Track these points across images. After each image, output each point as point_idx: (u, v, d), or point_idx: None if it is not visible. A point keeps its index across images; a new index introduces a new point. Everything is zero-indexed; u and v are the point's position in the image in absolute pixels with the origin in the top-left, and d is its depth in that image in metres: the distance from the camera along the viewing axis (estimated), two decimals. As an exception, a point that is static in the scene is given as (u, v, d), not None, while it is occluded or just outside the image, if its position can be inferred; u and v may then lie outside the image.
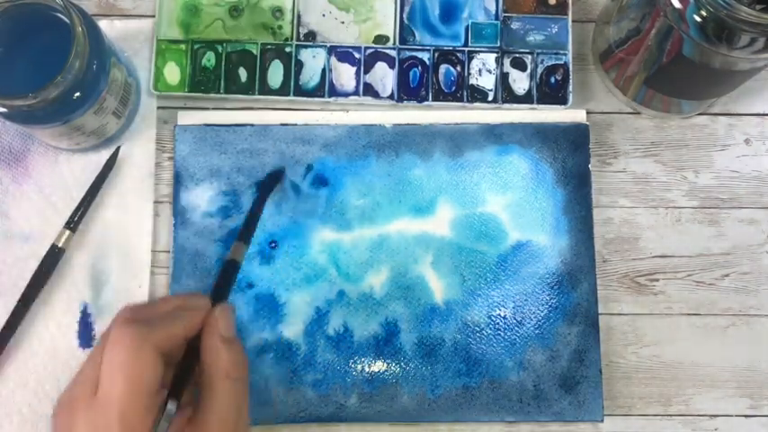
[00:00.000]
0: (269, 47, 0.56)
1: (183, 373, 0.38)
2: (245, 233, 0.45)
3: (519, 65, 0.56)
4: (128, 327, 0.36)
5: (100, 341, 0.38)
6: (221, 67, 0.55)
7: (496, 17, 0.57)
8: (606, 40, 0.55)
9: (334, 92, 0.56)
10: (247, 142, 0.54)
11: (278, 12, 0.56)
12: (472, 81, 0.56)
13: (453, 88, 0.56)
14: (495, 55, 0.56)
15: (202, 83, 0.55)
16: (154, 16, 0.56)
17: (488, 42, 0.56)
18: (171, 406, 0.36)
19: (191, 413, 0.37)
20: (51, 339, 0.52)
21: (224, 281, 0.43)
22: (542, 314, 0.53)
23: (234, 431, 0.37)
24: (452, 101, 0.56)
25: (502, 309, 0.53)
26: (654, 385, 0.54)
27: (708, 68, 0.48)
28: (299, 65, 0.56)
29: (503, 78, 0.56)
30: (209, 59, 0.56)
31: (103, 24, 0.55)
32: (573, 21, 0.57)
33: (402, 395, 0.52)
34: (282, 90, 0.55)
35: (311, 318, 0.53)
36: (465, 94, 0.56)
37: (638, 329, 0.54)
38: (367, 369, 0.52)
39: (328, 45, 0.56)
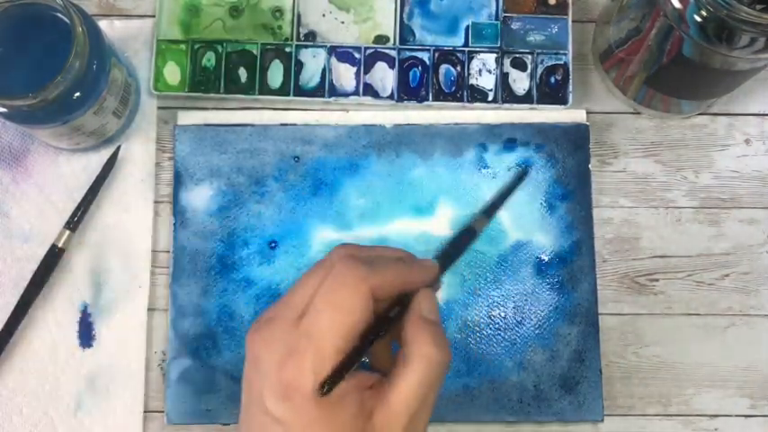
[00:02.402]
0: (269, 47, 0.56)
1: (384, 323, 0.37)
2: (491, 209, 0.42)
3: (519, 65, 0.56)
4: (354, 263, 0.35)
5: (314, 268, 0.37)
6: (221, 67, 0.55)
7: (496, 17, 0.57)
8: (606, 40, 0.55)
9: (334, 92, 0.56)
10: (247, 142, 0.54)
11: (278, 12, 0.56)
12: (472, 81, 0.56)
13: (453, 88, 0.56)
14: (495, 55, 0.56)
15: (202, 83, 0.55)
16: (154, 16, 0.56)
17: (488, 42, 0.56)
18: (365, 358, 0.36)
19: (377, 380, 0.36)
20: (51, 339, 0.52)
21: (456, 247, 0.41)
22: (542, 314, 0.53)
23: (414, 416, 0.35)
24: (452, 101, 0.56)
25: (502, 309, 0.53)
26: (654, 385, 0.54)
27: (708, 68, 0.48)
28: (299, 65, 0.56)
29: (503, 78, 0.56)
30: (209, 59, 0.56)
31: (103, 24, 0.55)
32: (573, 21, 0.57)
33: (402, 395, 0.52)
34: (282, 90, 0.55)
35: (311, 318, 0.52)
36: (465, 94, 0.56)
37: (638, 329, 0.54)
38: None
39: (328, 45, 0.56)
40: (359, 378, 0.35)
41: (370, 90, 0.56)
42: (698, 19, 0.45)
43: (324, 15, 0.57)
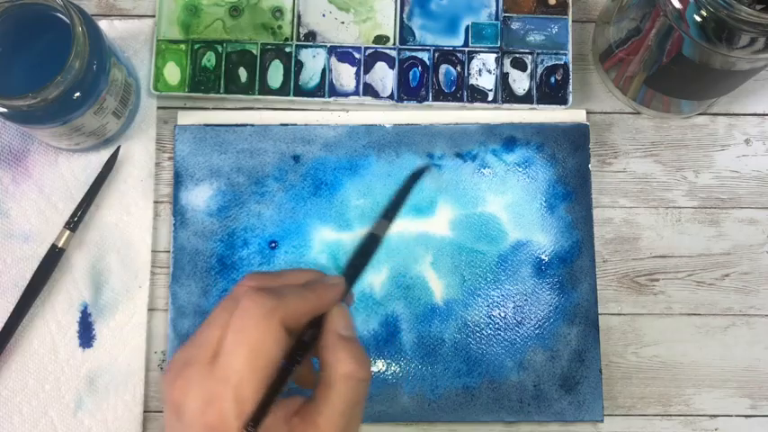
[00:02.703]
0: (269, 47, 0.56)
1: (300, 349, 0.36)
2: (390, 211, 0.41)
3: (519, 65, 0.56)
4: (259, 297, 0.35)
5: (222, 303, 0.36)
6: (221, 67, 0.55)
7: (496, 17, 0.57)
8: (606, 40, 0.55)
9: (334, 92, 0.56)
10: (247, 142, 0.54)
11: (278, 12, 0.56)
12: (472, 81, 0.56)
13: (453, 88, 0.56)
14: (495, 55, 0.56)
15: (202, 83, 0.55)
16: (154, 16, 0.56)
17: (488, 42, 0.56)
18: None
19: (301, 403, 0.36)
20: (51, 339, 0.52)
21: (362, 257, 0.39)
22: (542, 314, 0.53)
23: None
24: (452, 101, 0.56)
25: (502, 309, 0.53)
26: (654, 385, 0.54)
27: (708, 68, 0.48)
28: (299, 65, 0.56)
29: (503, 78, 0.56)
30: (209, 59, 0.56)
31: (103, 24, 0.55)
32: (573, 21, 0.57)
33: (402, 395, 0.52)
34: (282, 90, 0.55)
35: (311, 318, 0.52)
36: (465, 94, 0.56)
37: (638, 329, 0.54)
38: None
39: (328, 45, 0.56)
40: (284, 406, 0.35)
41: (370, 90, 0.56)
42: (698, 19, 0.45)
43: (324, 15, 0.57)
